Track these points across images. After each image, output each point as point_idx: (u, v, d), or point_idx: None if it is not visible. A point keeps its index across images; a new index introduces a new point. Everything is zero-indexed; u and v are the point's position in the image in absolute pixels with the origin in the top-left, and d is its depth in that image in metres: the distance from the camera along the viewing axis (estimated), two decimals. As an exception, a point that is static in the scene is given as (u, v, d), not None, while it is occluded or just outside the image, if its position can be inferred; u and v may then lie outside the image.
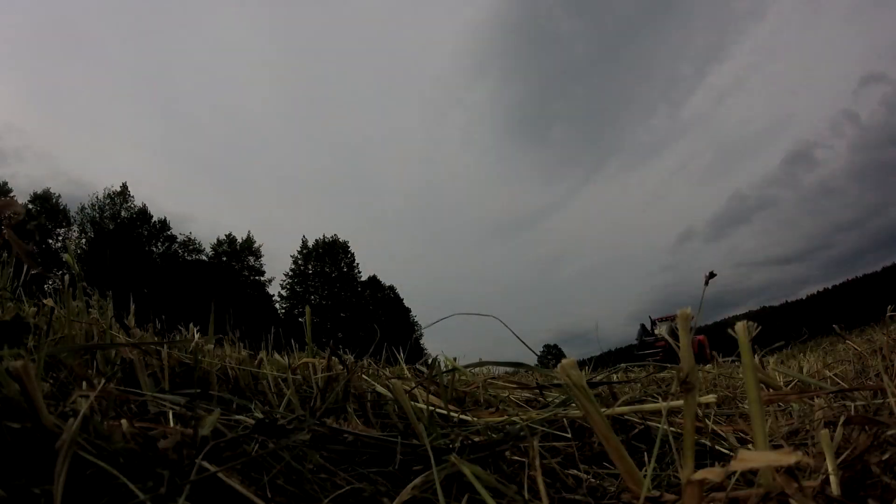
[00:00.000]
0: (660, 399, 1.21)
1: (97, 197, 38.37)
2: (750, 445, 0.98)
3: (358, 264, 48.67)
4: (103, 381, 0.76)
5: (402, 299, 50.53)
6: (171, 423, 0.75)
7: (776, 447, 0.83)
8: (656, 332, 17.57)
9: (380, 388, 1.20)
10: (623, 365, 1.85)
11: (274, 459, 0.67)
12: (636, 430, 1.06)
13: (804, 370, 2.06)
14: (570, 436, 0.98)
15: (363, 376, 1.25)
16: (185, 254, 40.76)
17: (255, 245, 44.40)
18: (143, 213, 39.37)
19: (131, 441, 0.60)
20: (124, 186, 39.27)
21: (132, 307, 1.58)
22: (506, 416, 1.05)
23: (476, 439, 0.88)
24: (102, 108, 66.29)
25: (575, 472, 0.86)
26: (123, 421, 0.63)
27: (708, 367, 2.17)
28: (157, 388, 1.03)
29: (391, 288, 50.08)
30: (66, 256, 1.33)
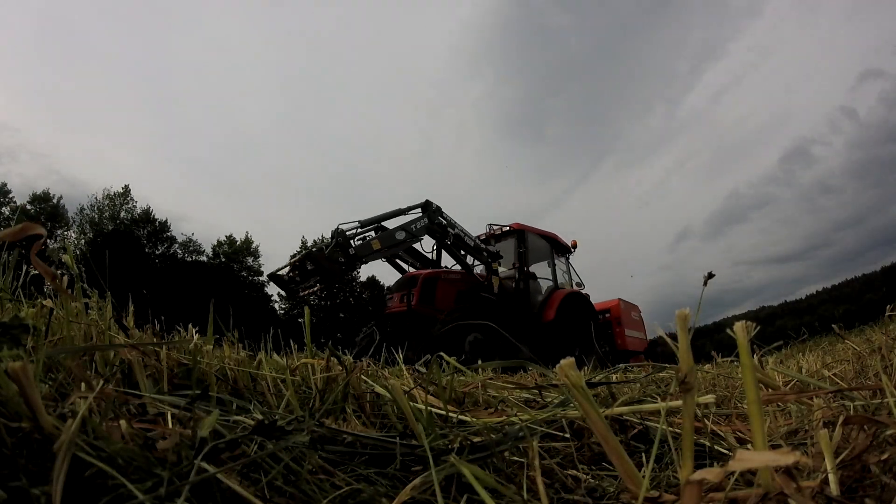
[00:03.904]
0: (659, 399, 1.21)
1: (96, 198, 38.54)
2: (749, 445, 0.98)
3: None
4: (102, 382, 0.75)
5: (402, 300, 50.44)
6: (170, 424, 0.75)
7: (775, 447, 0.84)
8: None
9: (379, 389, 1.20)
10: (622, 365, 1.86)
11: (273, 460, 0.67)
12: (635, 431, 1.06)
13: (803, 370, 2.06)
14: (568, 436, 0.98)
15: (362, 377, 1.25)
16: (185, 254, 40.82)
17: (254, 245, 44.51)
18: (147, 214, 39.51)
19: (130, 442, 0.60)
20: (126, 189, 39.43)
21: (131, 308, 1.58)
22: (505, 417, 1.05)
23: (475, 440, 0.87)
24: (99, 108, 66.39)
25: (574, 472, 0.86)
26: (122, 422, 0.63)
27: (707, 366, 2.17)
28: (155, 389, 1.03)
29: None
30: (64, 257, 1.33)
